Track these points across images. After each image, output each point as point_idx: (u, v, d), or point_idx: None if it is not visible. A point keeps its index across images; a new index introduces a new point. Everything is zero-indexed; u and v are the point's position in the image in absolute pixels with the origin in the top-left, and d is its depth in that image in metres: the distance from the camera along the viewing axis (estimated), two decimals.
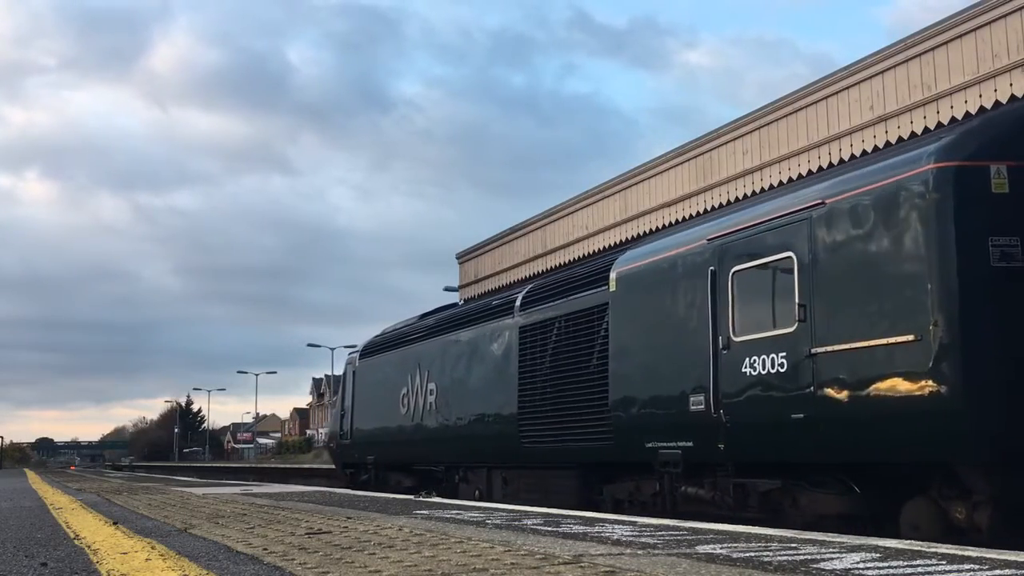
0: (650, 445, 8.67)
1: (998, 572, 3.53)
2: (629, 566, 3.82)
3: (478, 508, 8.00)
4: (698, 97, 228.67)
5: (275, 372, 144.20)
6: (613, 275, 9.66)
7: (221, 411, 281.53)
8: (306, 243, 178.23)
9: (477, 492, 12.45)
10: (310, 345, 68.89)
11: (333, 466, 21.72)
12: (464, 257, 23.26)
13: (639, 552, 4.36)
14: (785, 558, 4.04)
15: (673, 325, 8.60)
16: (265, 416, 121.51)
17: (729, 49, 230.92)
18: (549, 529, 5.60)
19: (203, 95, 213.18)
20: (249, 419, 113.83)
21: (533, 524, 5.99)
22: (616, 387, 9.28)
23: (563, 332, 10.38)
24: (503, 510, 7.66)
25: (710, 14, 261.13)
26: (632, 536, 5.12)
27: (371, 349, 17.04)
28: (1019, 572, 3.51)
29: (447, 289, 25.75)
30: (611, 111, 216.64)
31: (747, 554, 4.21)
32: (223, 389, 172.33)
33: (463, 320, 13.47)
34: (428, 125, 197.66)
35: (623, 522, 6.20)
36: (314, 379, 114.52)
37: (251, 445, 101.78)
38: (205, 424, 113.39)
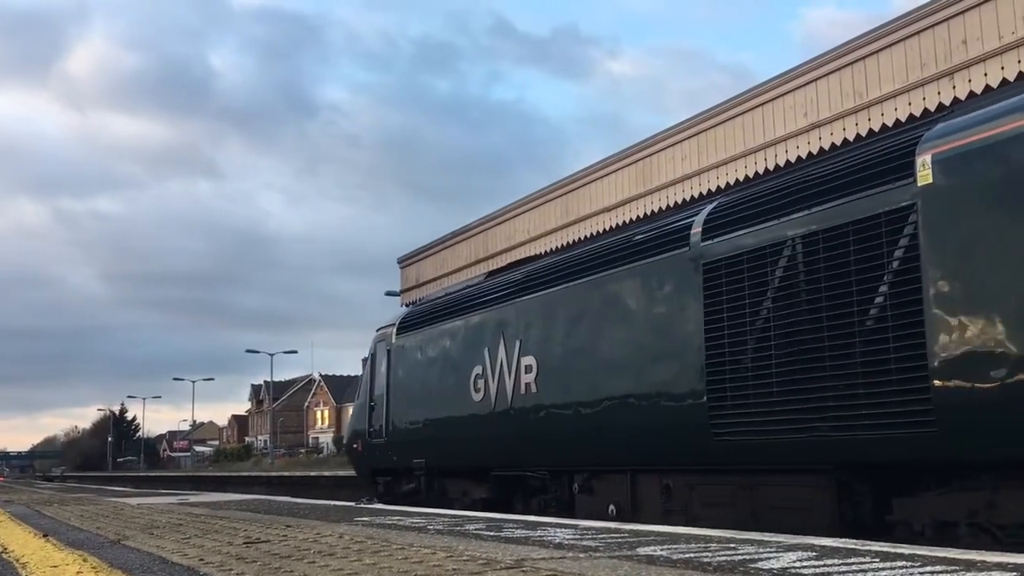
0: None
1: (929, 568, 3.61)
2: (570, 569, 3.83)
3: (420, 514, 7.95)
4: (622, 105, 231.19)
5: (212, 379, 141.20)
6: (925, 159, 6.04)
7: (156, 419, 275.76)
8: (237, 248, 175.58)
9: (612, 508, 8.84)
10: (248, 351, 68.01)
11: (290, 473, 19.12)
12: (406, 261, 23.14)
13: (580, 555, 4.37)
14: (724, 558, 4.09)
15: None
16: (202, 424, 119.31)
17: (650, 59, 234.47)
18: (491, 534, 5.59)
19: (123, 99, 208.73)
20: (186, 427, 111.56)
21: (475, 529, 5.97)
22: (945, 337, 5.76)
23: (807, 261, 6.67)
24: (445, 515, 7.63)
25: (630, 24, 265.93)
26: (574, 539, 5.13)
27: (415, 321, 12.99)
28: (949, 568, 3.60)
29: (388, 294, 25.59)
30: (538, 119, 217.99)
31: (687, 555, 4.25)
32: (158, 397, 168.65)
33: (583, 265, 9.44)
34: (356, 131, 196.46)
35: (565, 525, 6.22)
36: (253, 385, 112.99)
37: (188, 453, 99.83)
38: (140, 432, 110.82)
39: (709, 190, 13.09)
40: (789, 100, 12.03)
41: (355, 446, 14.46)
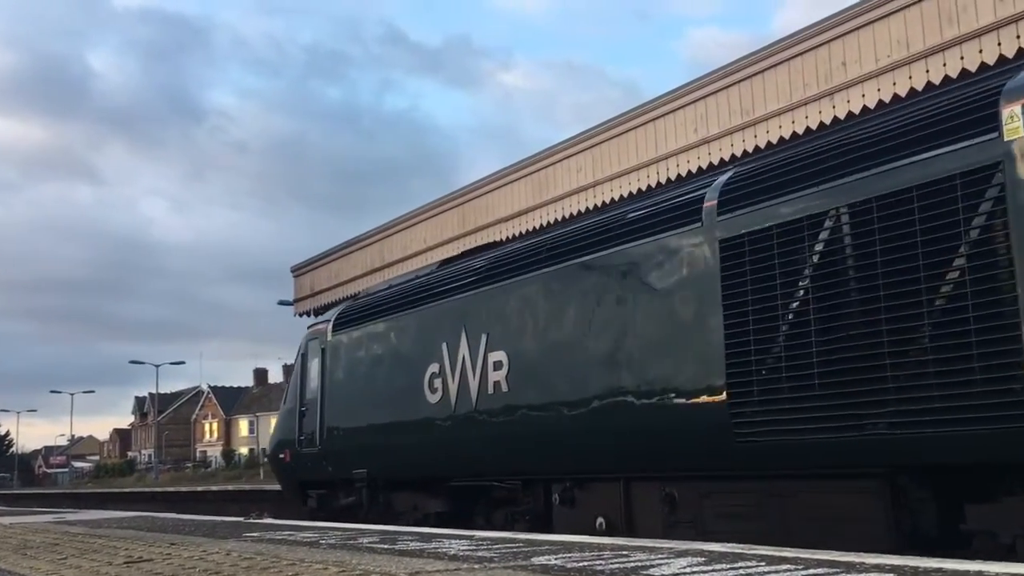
0: None
1: (812, 571, 3.74)
2: None
3: (312, 528, 7.79)
4: (515, 117, 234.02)
5: (93, 391, 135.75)
6: (1014, 109, 5.19)
7: (31, 434, 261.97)
8: (119, 256, 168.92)
9: (600, 521, 7.83)
10: (132, 362, 65.63)
11: (176, 488, 16.35)
12: (300, 270, 22.73)
13: (476, 566, 4.35)
14: (617, 565, 4.14)
15: None
16: (82, 438, 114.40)
17: (542, 72, 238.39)
18: (385, 547, 5.52)
19: None
20: (63, 441, 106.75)
21: (369, 542, 5.88)
22: None
23: (858, 232, 5.76)
24: (338, 528, 7.49)
25: (522, 37, 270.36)
26: (469, 551, 5.11)
27: (355, 315, 11.62)
28: (830, 570, 3.74)
29: (281, 303, 25.09)
30: (431, 128, 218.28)
31: (581, 563, 4.28)
32: (34, 410, 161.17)
33: (566, 248, 8.23)
34: (244, 137, 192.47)
35: (460, 536, 6.19)
36: (137, 398, 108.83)
37: (65, 469, 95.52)
38: (13, 448, 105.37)
39: (604, 201, 13.31)
40: (680, 116, 12.36)
41: (281, 456, 12.76)
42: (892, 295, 5.50)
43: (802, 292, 6.01)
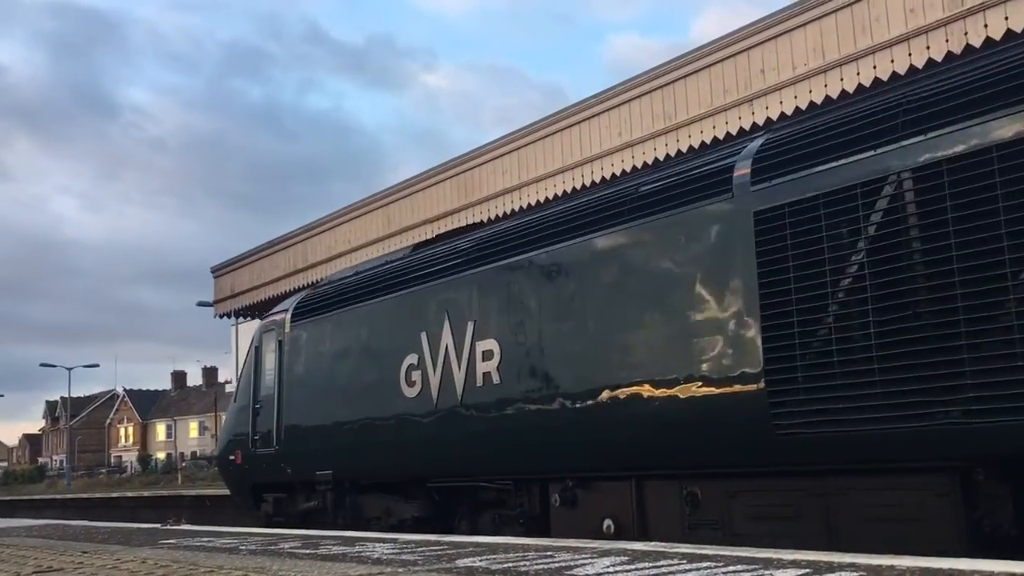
0: None
1: (732, 568, 3.81)
2: None
3: (232, 533, 7.64)
4: (439, 119, 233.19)
5: (2, 396, 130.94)
6: None
7: None
8: (28, 255, 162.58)
9: (608, 523, 7.16)
10: (43, 365, 63.18)
11: (89, 495, 13.27)
12: (220, 271, 22.27)
13: (400, 570, 4.32)
14: (542, 566, 4.15)
15: None
16: None
17: (466, 74, 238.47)
18: (307, 552, 5.44)
19: None
20: None
21: (290, 548, 5.79)
22: None
23: (925, 198, 5.17)
24: (259, 534, 7.36)
25: (446, 39, 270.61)
26: (393, 554, 5.07)
27: (318, 304, 10.69)
28: (749, 566, 3.81)
29: (201, 304, 24.57)
30: (354, 129, 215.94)
31: (506, 565, 4.29)
32: None
33: (570, 226, 7.56)
34: (160, 134, 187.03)
35: (384, 540, 6.14)
36: (48, 402, 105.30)
37: None
38: None
39: (529, 204, 13.37)
40: (604, 120, 12.49)
41: (232, 458, 11.65)
42: (969, 267, 4.93)
43: (857, 267, 5.39)
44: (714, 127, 11.04)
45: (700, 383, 6.25)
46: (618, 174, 11.98)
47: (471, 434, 8.09)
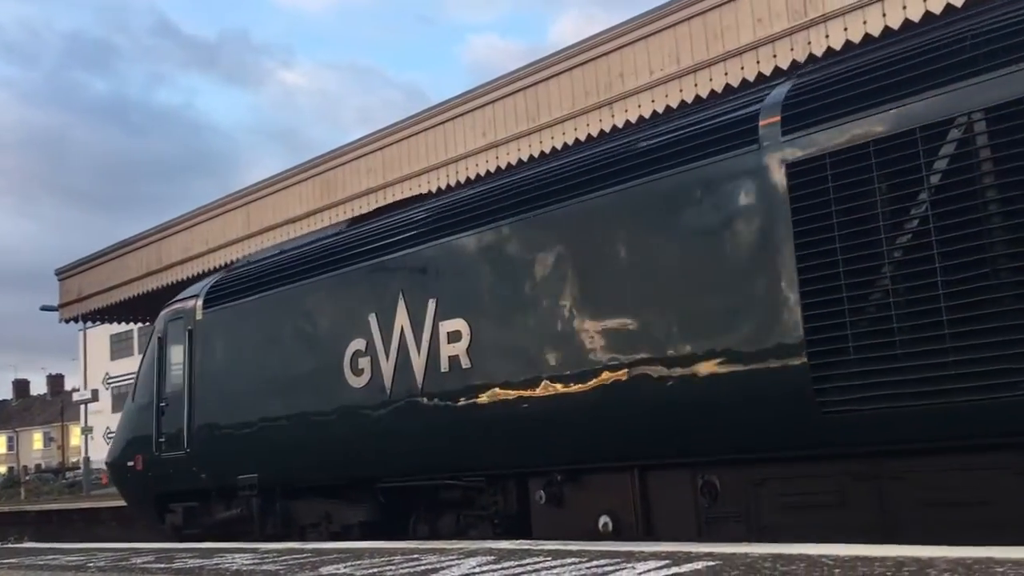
0: None
1: (596, 562, 3.87)
2: None
3: (79, 550, 7.24)
4: (298, 117, 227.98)
5: None
6: None
7: None
8: None
9: (605, 520, 6.48)
10: None
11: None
12: (66, 273, 21.08)
13: None
14: (407, 570, 4.11)
15: None
16: None
17: (325, 72, 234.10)
18: (161, 566, 5.21)
19: None
20: None
21: (143, 563, 5.53)
22: None
23: (1003, 141, 4.68)
24: (108, 549, 7.00)
25: (303, 36, 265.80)
26: (253, 565, 4.92)
27: (237, 287, 9.57)
28: (612, 560, 3.89)
29: (44, 308, 23.22)
30: (207, 126, 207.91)
31: (370, 571, 4.23)
32: None
33: (560, 186, 6.78)
34: None
35: (243, 550, 5.95)
36: None
37: None
38: None
39: (395, 201, 13.27)
40: (469, 120, 12.52)
41: (130, 464, 10.40)
42: None
43: (918, 221, 4.86)
44: (575, 129, 11.24)
45: (722, 359, 5.58)
46: (483, 174, 12.03)
47: (434, 426, 7.24)
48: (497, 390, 6.80)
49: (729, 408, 5.54)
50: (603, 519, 6.43)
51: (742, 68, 9.73)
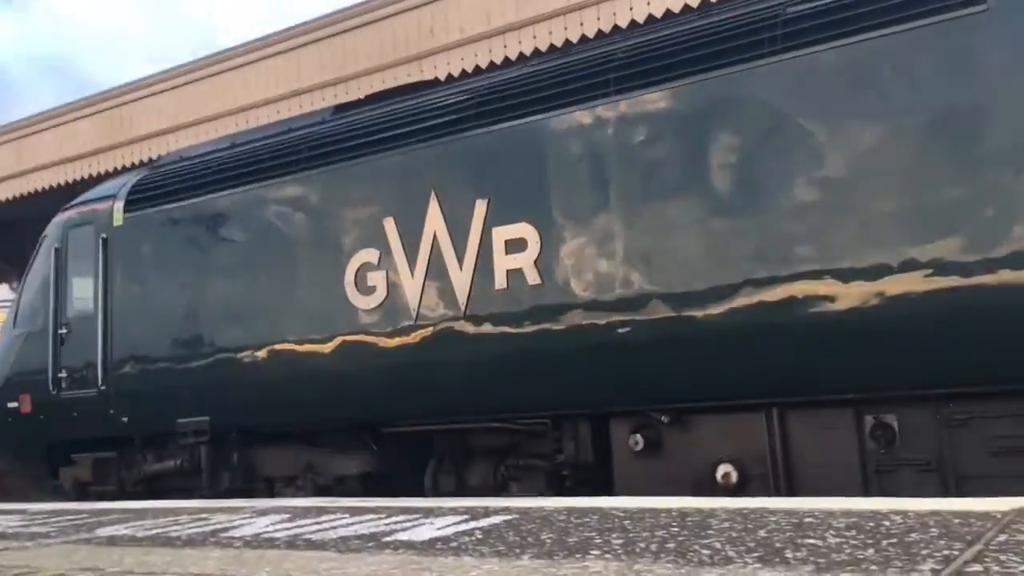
0: None
1: (394, 518, 3.85)
2: (14, 562, 3.37)
3: None
4: (74, 48, 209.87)
5: None
6: None
7: None
8: None
9: (726, 470, 5.42)
10: None
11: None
12: None
13: (28, 544, 3.88)
14: (195, 530, 3.93)
15: None
16: None
17: None
18: None
19: None
20: None
21: None
22: None
23: None
24: None
25: None
26: (21, 526, 4.54)
27: (175, 186, 7.84)
28: (411, 516, 3.88)
29: None
30: None
31: (153, 531, 4.01)
32: None
33: (657, 65, 5.58)
34: None
35: (9, 512, 5.49)
36: None
37: None
38: None
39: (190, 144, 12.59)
40: (269, 64, 12.01)
41: (12, 406, 8.38)
42: None
43: None
44: (383, 81, 11.02)
45: (927, 270, 4.56)
46: (281, 117, 11.63)
47: (484, 358, 5.94)
48: (581, 311, 5.55)
49: (927, 332, 4.57)
50: (723, 468, 5.39)
51: (550, 33, 9.85)
